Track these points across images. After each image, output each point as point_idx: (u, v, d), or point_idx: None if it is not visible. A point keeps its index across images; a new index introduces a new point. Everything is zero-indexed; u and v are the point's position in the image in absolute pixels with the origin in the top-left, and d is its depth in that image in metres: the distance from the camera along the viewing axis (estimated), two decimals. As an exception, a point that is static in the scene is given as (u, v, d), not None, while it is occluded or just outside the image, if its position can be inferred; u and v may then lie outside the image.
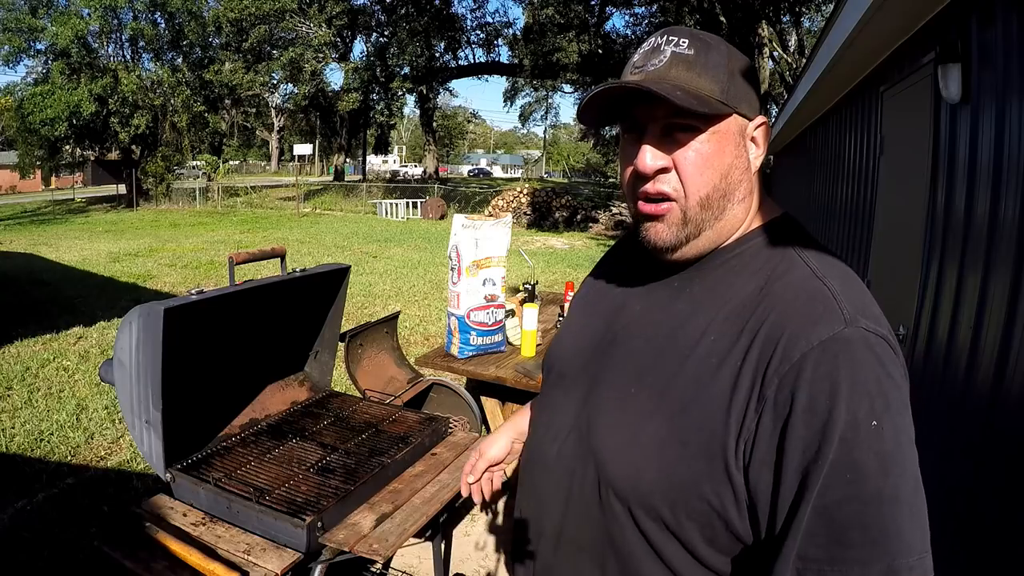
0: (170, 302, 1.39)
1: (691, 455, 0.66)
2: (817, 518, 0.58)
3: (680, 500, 0.67)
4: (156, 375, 1.37)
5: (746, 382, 0.64)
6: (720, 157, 0.70)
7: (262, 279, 1.71)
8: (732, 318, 0.68)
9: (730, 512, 0.65)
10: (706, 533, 0.67)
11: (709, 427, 0.65)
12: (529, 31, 19.64)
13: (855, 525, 0.58)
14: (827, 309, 0.63)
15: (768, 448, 0.62)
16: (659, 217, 0.72)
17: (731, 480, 0.64)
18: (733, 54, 0.72)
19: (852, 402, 0.59)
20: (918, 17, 2.46)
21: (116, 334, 1.45)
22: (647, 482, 0.68)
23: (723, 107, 0.69)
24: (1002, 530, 1.52)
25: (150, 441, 1.44)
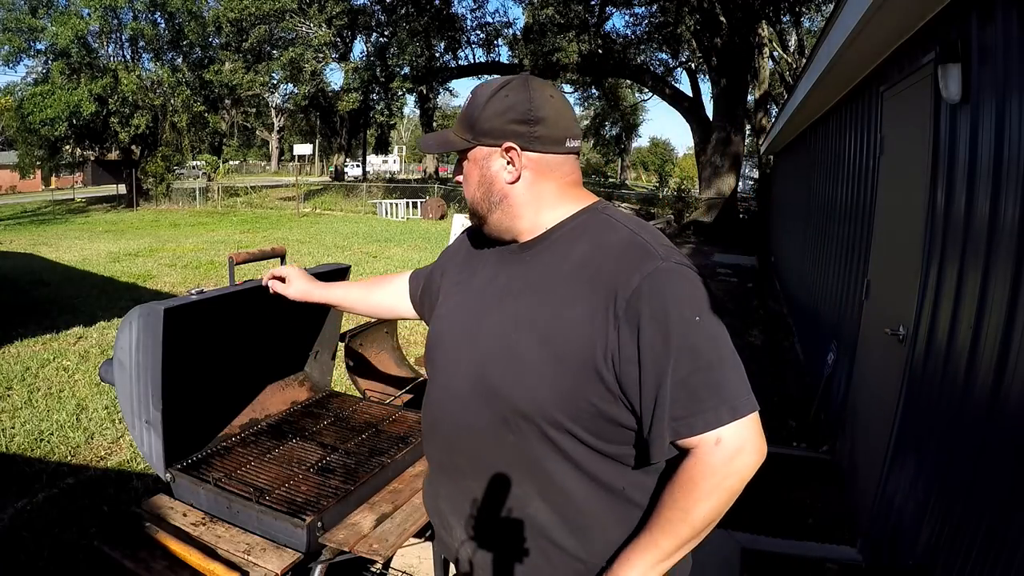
0: (170, 302, 1.39)
1: (569, 369, 0.90)
2: (676, 389, 0.86)
3: (569, 405, 0.91)
4: (156, 375, 1.37)
5: (600, 309, 0.89)
6: (472, 175, 1.04)
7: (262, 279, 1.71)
8: (576, 270, 0.95)
9: (608, 407, 0.91)
10: (594, 427, 0.92)
11: (577, 346, 0.90)
12: (529, 31, 19.61)
13: (702, 386, 0.86)
14: (645, 251, 0.92)
15: (630, 351, 0.88)
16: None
17: (603, 381, 0.89)
18: (484, 100, 1.00)
19: (679, 307, 0.87)
20: (918, 17, 2.46)
21: (116, 334, 1.45)
22: (542, 399, 0.92)
23: (466, 144, 1.02)
24: (1002, 530, 1.52)
25: (150, 441, 1.44)
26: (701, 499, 0.87)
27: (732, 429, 0.86)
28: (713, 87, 18.03)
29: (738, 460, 0.87)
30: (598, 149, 44.92)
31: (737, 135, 17.28)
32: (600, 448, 0.93)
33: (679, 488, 0.89)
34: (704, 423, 0.86)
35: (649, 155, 63.03)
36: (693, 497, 0.88)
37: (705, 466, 0.87)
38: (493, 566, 1.02)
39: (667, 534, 0.90)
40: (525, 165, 1.00)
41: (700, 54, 19.85)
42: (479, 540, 1.04)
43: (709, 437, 0.86)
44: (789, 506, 3.04)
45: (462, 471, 1.03)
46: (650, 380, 0.87)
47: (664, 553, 0.91)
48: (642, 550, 0.92)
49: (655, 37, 21.42)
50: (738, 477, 0.88)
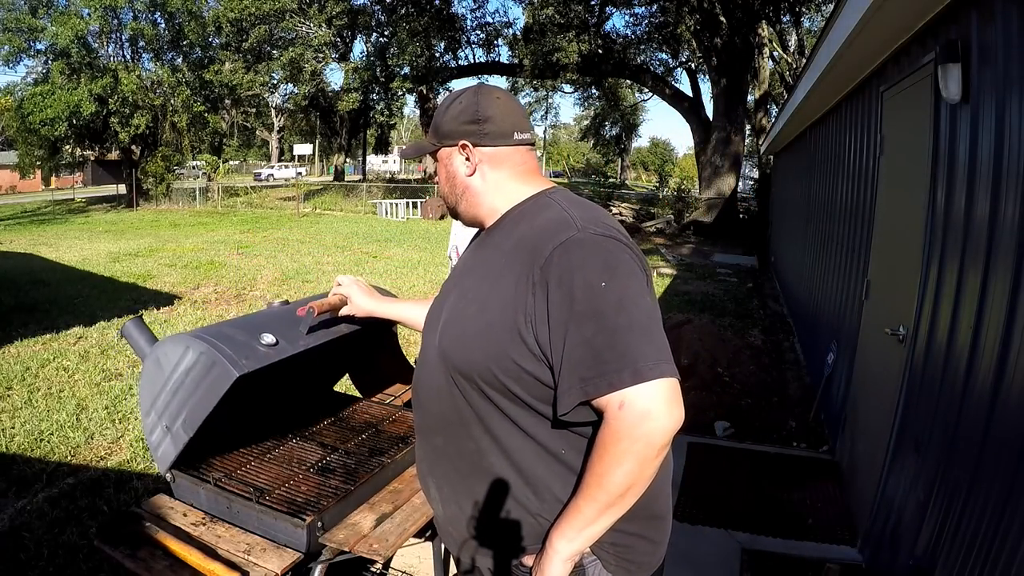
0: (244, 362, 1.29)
1: (496, 332, 1.00)
2: (581, 349, 0.92)
3: (498, 364, 0.99)
4: (198, 412, 1.33)
5: (522, 279, 0.99)
6: (443, 172, 1.20)
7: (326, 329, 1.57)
8: (514, 246, 1.06)
9: (530, 366, 0.98)
10: (523, 384, 0.99)
11: (502, 311, 1.00)
12: (529, 31, 19.59)
13: (606, 348, 0.91)
14: (565, 224, 1.01)
15: (542, 314, 0.96)
16: None
17: (525, 343, 0.98)
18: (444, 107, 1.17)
19: (584, 274, 0.95)
20: (918, 17, 2.46)
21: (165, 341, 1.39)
22: (474, 357, 1.02)
23: (432, 147, 1.19)
24: (1002, 530, 1.52)
25: (164, 444, 1.42)
26: (612, 463, 0.91)
27: (636, 392, 0.88)
28: (713, 87, 18.03)
29: (645, 425, 0.88)
30: (598, 149, 44.90)
31: (737, 135, 17.27)
32: (532, 405, 1.00)
33: (594, 453, 0.94)
34: (608, 384, 0.89)
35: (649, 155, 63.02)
36: (604, 462, 0.92)
37: (612, 430, 0.91)
38: (463, 518, 1.12)
39: (587, 499, 0.94)
40: (480, 159, 1.14)
41: (700, 54, 19.84)
42: (448, 494, 1.15)
43: (613, 399, 0.90)
44: (789, 506, 3.05)
45: (432, 429, 1.15)
46: (556, 339, 0.94)
47: (587, 519, 0.95)
48: (569, 516, 0.98)
49: (655, 37, 21.41)
50: (645, 442, 0.89)
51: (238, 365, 1.29)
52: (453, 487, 1.13)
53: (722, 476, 3.31)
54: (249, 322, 1.49)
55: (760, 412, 4.21)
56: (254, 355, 1.35)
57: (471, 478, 1.09)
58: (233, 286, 8.05)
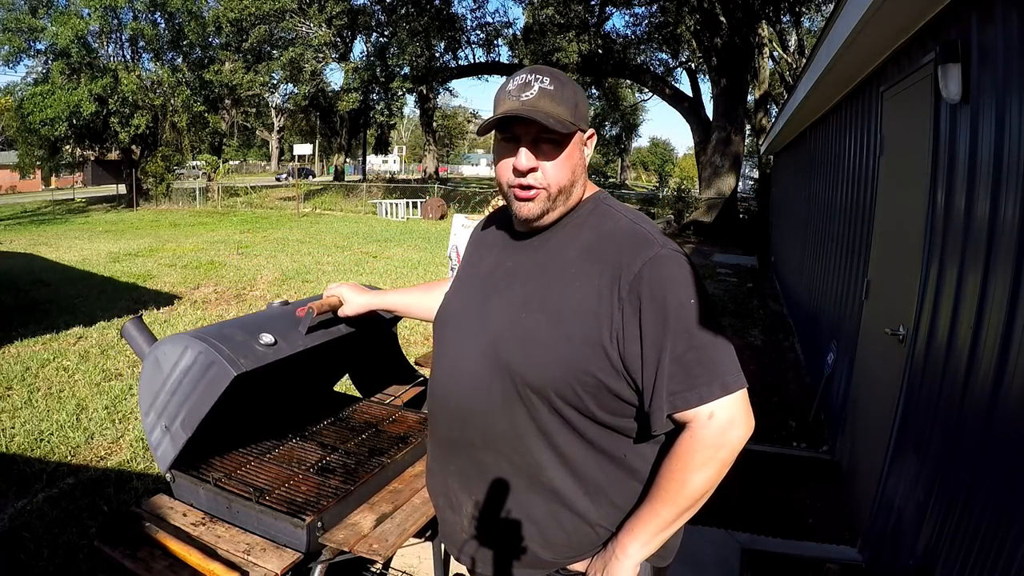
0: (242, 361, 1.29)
1: (576, 346, 0.97)
2: (673, 365, 0.94)
3: (576, 379, 0.98)
4: (198, 413, 1.33)
5: (605, 291, 0.97)
6: (570, 160, 1.04)
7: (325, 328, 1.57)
8: (582, 255, 1.03)
9: (611, 381, 0.98)
10: (598, 400, 0.99)
11: (583, 325, 0.97)
12: (529, 31, 19.60)
13: (696, 363, 0.94)
14: (648, 240, 1.00)
15: (632, 330, 0.96)
16: (530, 199, 1.04)
17: (608, 357, 0.97)
18: (578, 89, 1.05)
19: (676, 290, 0.96)
20: (918, 17, 2.46)
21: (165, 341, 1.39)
22: (552, 373, 0.98)
23: (572, 127, 1.01)
24: (1002, 530, 1.52)
25: (164, 443, 1.43)
26: (696, 470, 0.96)
27: (724, 404, 0.95)
28: (713, 87, 18.03)
29: (730, 432, 0.95)
30: (598, 149, 44.88)
31: (737, 135, 17.27)
32: (603, 420, 1.01)
33: (676, 460, 0.97)
34: (698, 397, 0.94)
35: (649, 155, 63.04)
36: (689, 468, 0.96)
37: (700, 439, 0.95)
38: (507, 534, 1.08)
39: (666, 504, 0.98)
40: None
41: (700, 54, 19.84)
42: (492, 510, 1.09)
43: (703, 411, 0.95)
44: (789, 506, 3.04)
45: (474, 444, 1.08)
46: (651, 357, 0.95)
47: (664, 522, 0.99)
48: (644, 520, 1.00)
49: (655, 37, 21.42)
50: (729, 449, 0.96)
51: (236, 364, 1.29)
52: (498, 503, 1.08)
53: (722, 476, 3.31)
54: (248, 322, 1.49)
55: (760, 412, 4.18)
56: (252, 354, 1.35)
57: (526, 494, 1.05)
58: (233, 286, 8.05)
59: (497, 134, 1.04)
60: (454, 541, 1.17)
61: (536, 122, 0.98)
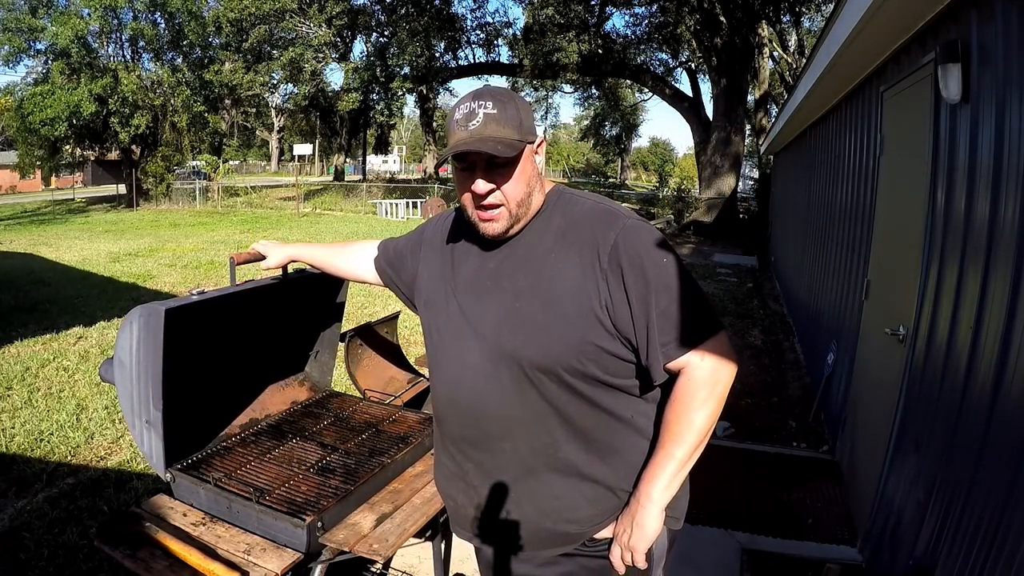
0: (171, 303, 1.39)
1: (572, 320, 1.06)
2: (660, 319, 1.04)
3: (579, 351, 1.06)
4: (157, 375, 1.37)
5: (588, 267, 1.06)
6: (524, 174, 1.09)
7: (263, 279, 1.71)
8: (559, 240, 1.11)
9: (609, 344, 1.07)
10: (602, 365, 1.08)
11: (574, 300, 1.06)
12: (529, 31, 19.60)
13: (681, 313, 1.05)
14: (615, 215, 1.11)
15: (619, 295, 1.05)
16: (493, 219, 1.10)
17: (602, 324, 1.06)
18: (521, 104, 1.10)
19: (650, 253, 1.06)
20: (918, 17, 2.46)
21: (117, 334, 1.45)
22: (555, 350, 1.06)
23: (520, 144, 1.06)
24: (1002, 530, 1.52)
25: (150, 441, 1.44)
26: (700, 407, 1.06)
27: (711, 344, 1.06)
28: (713, 87, 18.02)
29: (720, 370, 1.07)
30: (598, 149, 44.89)
31: (737, 135, 17.27)
32: (608, 381, 1.08)
33: (679, 403, 1.07)
34: (687, 344, 1.05)
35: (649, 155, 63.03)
36: (693, 407, 1.06)
37: (697, 379, 1.06)
38: (533, 518, 1.13)
39: (678, 444, 1.06)
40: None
41: (700, 54, 19.83)
42: (516, 497, 1.14)
43: (695, 355, 1.06)
44: (789, 506, 3.05)
45: (491, 436, 1.13)
46: (640, 316, 1.04)
47: (680, 462, 1.07)
48: (660, 464, 1.08)
49: (655, 37, 21.41)
50: (723, 384, 1.07)
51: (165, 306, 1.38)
52: (522, 489, 1.13)
53: (722, 476, 3.31)
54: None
55: (760, 412, 4.21)
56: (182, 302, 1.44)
57: (547, 474, 1.11)
58: (233, 286, 8.04)
59: (455, 163, 1.10)
60: (478, 534, 1.20)
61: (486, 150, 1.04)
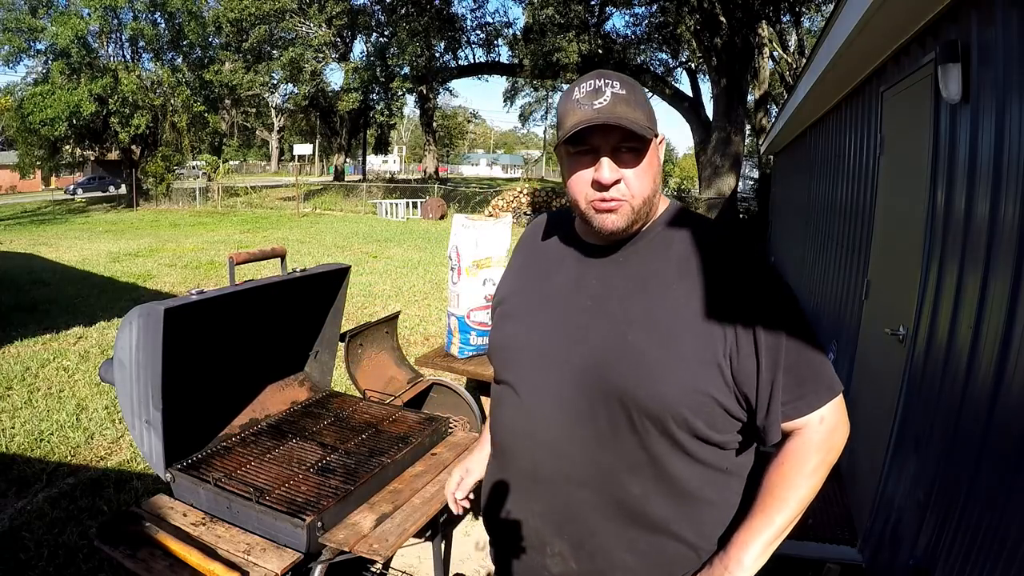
0: (170, 302, 1.39)
1: (692, 366, 0.91)
2: (786, 376, 0.92)
3: (694, 402, 0.92)
4: (156, 375, 1.37)
5: (715, 308, 0.93)
6: (651, 169, 0.96)
7: (262, 279, 1.71)
8: (681, 267, 0.97)
9: (724, 399, 0.93)
10: (710, 420, 0.94)
11: (695, 343, 0.92)
12: (529, 31, 19.61)
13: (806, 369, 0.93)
14: (738, 246, 0.98)
15: (748, 348, 0.91)
16: (612, 211, 0.95)
17: (723, 376, 0.92)
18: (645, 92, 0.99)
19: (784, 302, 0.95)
20: (918, 17, 2.46)
21: (116, 334, 1.45)
22: (669, 396, 0.92)
23: (651, 132, 0.94)
24: (1002, 530, 1.52)
25: (150, 441, 1.44)
26: (809, 475, 0.95)
27: (831, 407, 0.95)
28: (713, 87, 18.02)
29: (836, 435, 0.96)
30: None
31: (737, 135, 17.27)
32: (711, 438, 0.96)
33: (789, 467, 0.96)
34: (809, 404, 0.94)
35: (649, 155, 62.93)
36: (803, 474, 0.95)
37: (811, 444, 0.95)
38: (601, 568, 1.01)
39: (780, 510, 0.95)
40: None
41: (700, 54, 19.83)
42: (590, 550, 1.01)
43: (814, 417, 0.94)
44: (789, 506, 3.04)
45: (569, 480, 0.99)
46: (767, 371, 0.91)
47: (778, 530, 0.95)
48: (757, 530, 0.95)
49: (655, 37, 21.41)
50: (836, 452, 0.97)
51: (165, 306, 1.37)
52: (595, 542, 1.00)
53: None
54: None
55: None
56: (182, 302, 1.43)
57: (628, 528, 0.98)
58: (233, 286, 8.04)
59: (567, 148, 0.96)
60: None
61: (616, 131, 0.90)
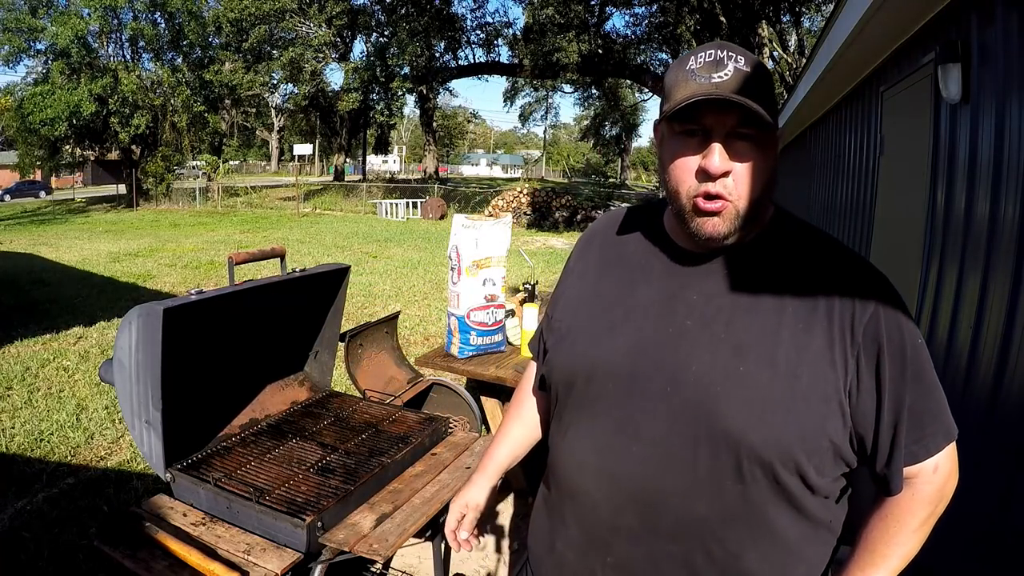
0: (169, 302, 1.39)
1: (814, 406, 0.79)
2: (908, 417, 0.80)
3: (812, 445, 0.80)
4: (156, 375, 1.37)
5: (838, 337, 0.80)
6: (767, 166, 0.81)
7: (262, 279, 1.71)
8: (799, 288, 0.83)
9: (842, 443, 0.81)
10: (821, 465, 0.81)
11: (821, 379, 0.79)
12: (529, 31, 19.63)
13: (926, 412, 0.81)
14: (871, 272, 0.84)
15: (868, 382, 0.80)
16: (716, 213, 0.80)
17: (843, 415, 0.80)
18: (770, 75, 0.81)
19: (910, 333, 0.81)
20: (918, 17, 2.46)
21: (116, 334, 1.45)
22: (787, 441, 0.79)
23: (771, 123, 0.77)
24: (1000, 530, 1.52)
25: (150, 441, 1.44)
26: (916, 530, 0.84)
27: (947, 454, 0.84)
28: (713, 87, 18.01)
29: (948, 485, 0.85)
30: (598, 149, 44.91)
31: (737, 135, 17.27)
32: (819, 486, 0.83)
33: (896, 520, 0.85)
34: (925, 451, 0.82)
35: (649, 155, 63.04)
36: (909, 529, 0.84)
37: (923, 497, 0.84)
38: None
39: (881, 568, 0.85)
40: None
41: (700, 54, 19.83)
42: None
43: (928, 465, 0.83)
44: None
45: (656, 532, 0.85)
46: (889, 412, 0.80)
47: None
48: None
49: (655, 37, 21.43)
50: (944, 504, 0.86)
51: (164, 306, 1.37)
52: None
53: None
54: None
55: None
56: (181, 302, 1.43)
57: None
58: (233, 286, 8.05)
59: (672, 125, 0.82)
60: None
61: (734, 113, 0.76)
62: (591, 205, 18.57)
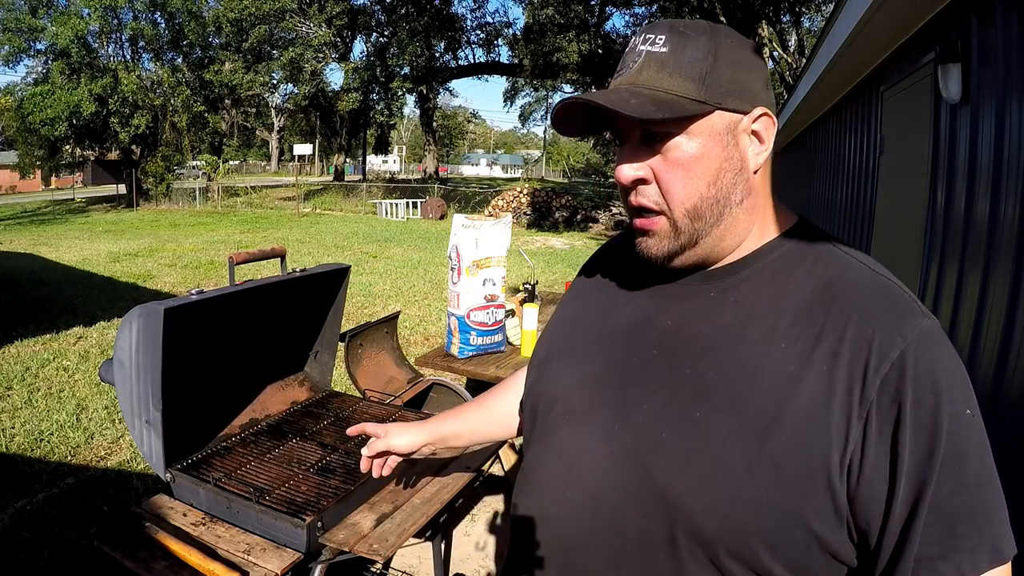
0: (170, 302, 1.39)
1: (788, 478, 0.59)
2: (932, 514, 0.57)
3: (778, 533, 0.59)
4: (156, 375, 1.37)
5: (841, 387, 0.59)
6: (704, 162, 0.64)
7: (262, 279, 1.71)
8: (800, 322, 0.63)
9: (829, 534, 0.60)
10: (799, 562, 0.60)
11: (804, 442, 0.59)
12: (529, 31, 19.65)
13: (963, 516, 0.57)
14: (906, 304, 0.61)
15: (879, 453, 0.58)
16: (647, 231, 0.68)
17: (832, 495, 0.59)
18: (720, 44, 0.64)
19: (951, 394, 0.58)
20: (918, 17, 2.46)
21: (116, 334, 1.45)
22: (740, 518, 0.60)
23: (697, 106, 0.62)
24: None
25: (150, 441, 1.44)
26: None
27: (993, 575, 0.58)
28: (713, 87, 18.05)
29: None
30: (598, 149, 44.93)
31: (737, 135, 17.30)
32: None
33: None
34: (956, 568, 0.57)
35: (649, 155, 63.03)
36: None
37: None
38: None
39: None
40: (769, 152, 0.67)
41: (700, 54, 19.87)
42: None
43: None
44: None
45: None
46: (903, 499, 0.58)
47: None
48: None
49: (655, 37, 21.46)
50: None
51: (164, 306, 1.37)
52: None
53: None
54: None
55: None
56: (181, 302, 1.43)
57: None
58: (233, 286, 8.05)
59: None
60: None
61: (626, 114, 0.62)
62: (591, 205, 18.58)
